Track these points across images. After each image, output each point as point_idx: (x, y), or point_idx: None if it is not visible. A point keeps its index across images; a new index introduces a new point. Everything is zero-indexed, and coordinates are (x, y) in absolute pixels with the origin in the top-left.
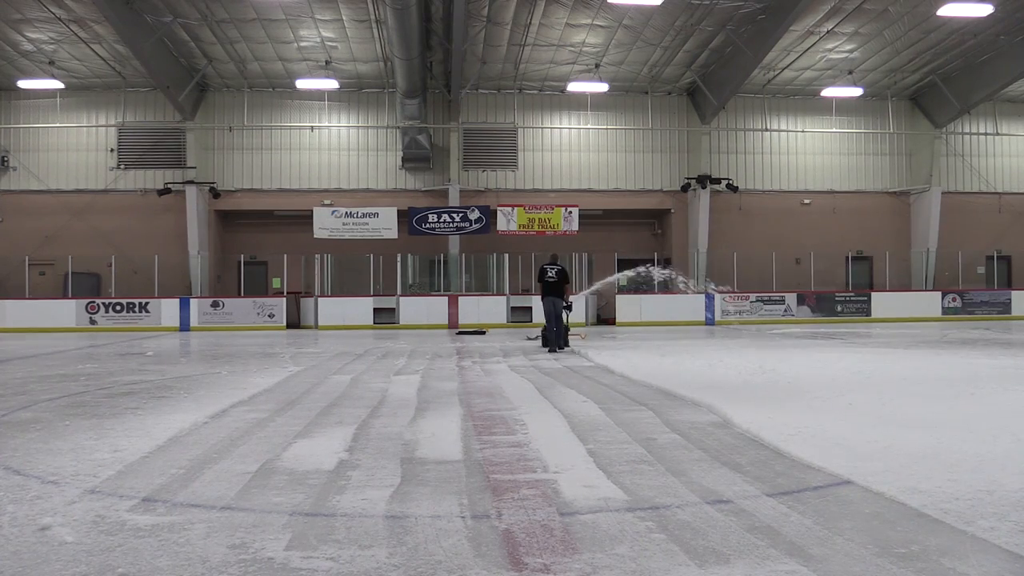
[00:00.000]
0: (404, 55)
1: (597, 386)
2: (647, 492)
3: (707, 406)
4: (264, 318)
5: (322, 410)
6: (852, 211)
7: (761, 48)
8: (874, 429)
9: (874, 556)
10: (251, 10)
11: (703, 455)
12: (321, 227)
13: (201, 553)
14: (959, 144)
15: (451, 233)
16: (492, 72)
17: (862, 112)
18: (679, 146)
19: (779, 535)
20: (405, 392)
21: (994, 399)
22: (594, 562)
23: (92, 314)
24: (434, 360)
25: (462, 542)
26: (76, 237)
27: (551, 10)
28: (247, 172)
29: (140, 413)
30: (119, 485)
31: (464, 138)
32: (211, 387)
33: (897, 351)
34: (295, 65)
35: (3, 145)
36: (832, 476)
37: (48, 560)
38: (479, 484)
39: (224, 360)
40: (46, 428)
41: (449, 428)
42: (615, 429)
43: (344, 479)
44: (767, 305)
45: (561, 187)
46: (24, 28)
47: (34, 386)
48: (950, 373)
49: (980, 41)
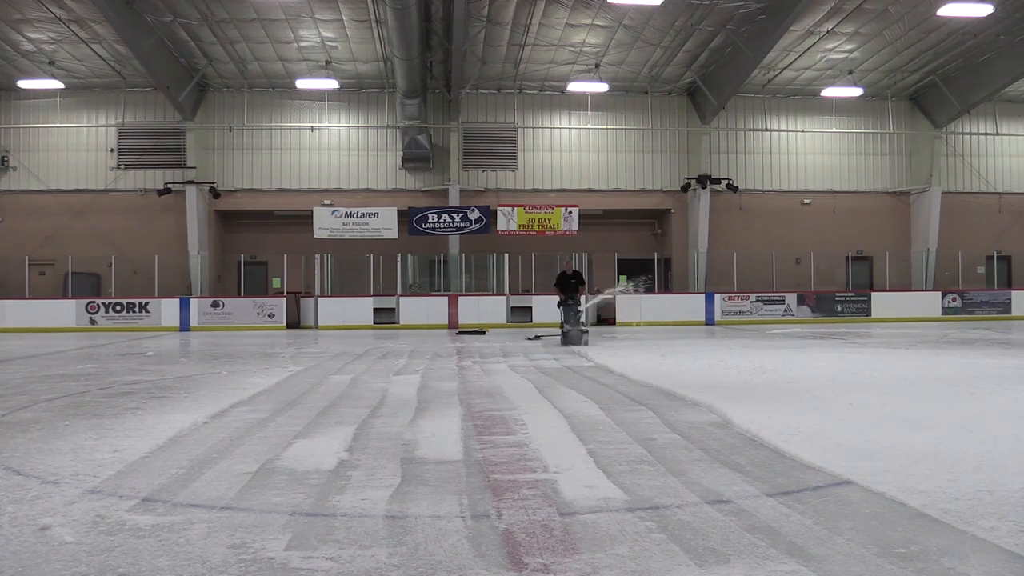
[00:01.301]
0: (404, 55)
1: (597, 386)
2: (647, 492)
3: (707, 406)
4: (264, 318)
5: (322, 410)
6: (852, 211)
7: (761, 48)
8: (874, 429)
9: (874, 556)
10: (251, 10)
11: (703, 455)
12: (321, 227)
13: (201, 553)
14: (959, 144)
15: (451, 233)
16: (492, 72)
17: (862, 112)
18: (679, 146)
19: (779, 535)
20: (405, 392)
21: (994, 399)
22: (594, 562)
23: (92, 314)
24: (434, 360)
25: (462, 542)
26: (76, 237)
27: (551, 10)
28: (247, 172)
29: (140, 413)
30: (119, 485)
31: (464, 138)
32: (211, 387)
33: (897, 351)
34: (295, 65)
35: (3, 145)
36: (832, 476)
37: (48, 560)
38: (479, 484)
39: (224, 360)
40: (46, 428)
41: (449, 428)
42: (615, 429)
43: (344, 479)
44: (767, 305)
45: (561, 187)
46: (24, 28)
47: (34, 386)
48: (950, 373)
49: (980, 41)
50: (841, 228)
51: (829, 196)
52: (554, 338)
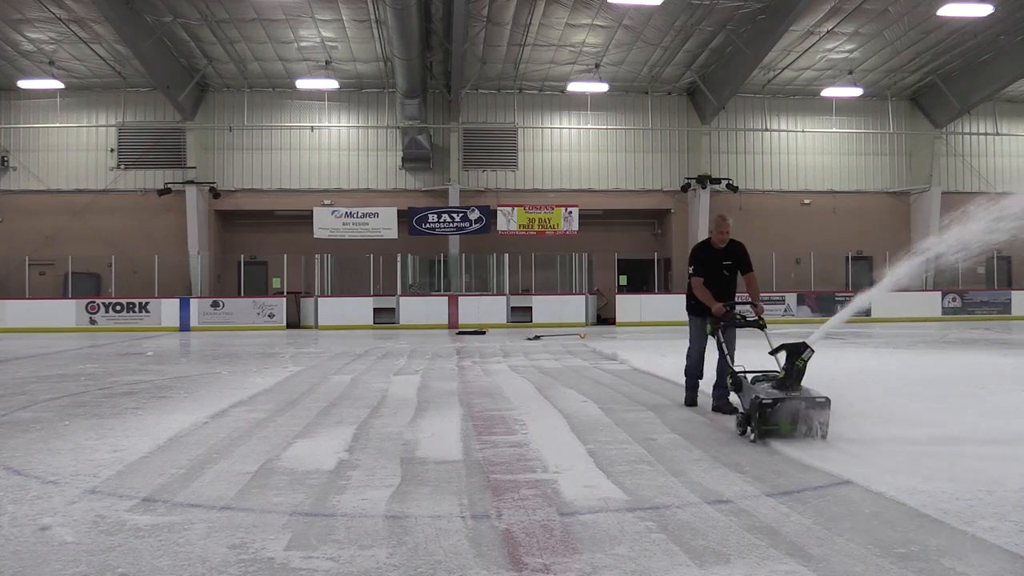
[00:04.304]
0: (404, 55)
1: (597, 386)
2: (647, 492)
3: (707, 405)
4: (264, 318)
5: (322, 410)
6: (852, 211)
7: (761, 48)
8: (874, 429)
9: (874, 556)
10: (251, 10)
11: (703, 455)
12: (321, 227)
13: (201, 553)
14: (959, 144)
15: (451, 233)
16: (492, 72)
17: (862, 112)
18: (679, 146)
19: (779, 535)
20: (405, 392)
21: (995, 399)
22: (594, 562)
23: (92, 314)
24: (434, 360)
25: (462, 542)
26: (76, 237)
27: (551, 10)
28: (247, 172)
29: (140, 413)
30: (119, 485)
31: (464, 138)
32: (211, 387)
33: (897, 351)
34: (295, 65)
35: (3, 145)
36: (832, 476)
37: (48, 560)
38: (479, 484)
39: (224, 360)
40: (46, 428)
41: (449, 428)
42: (615, 429)
43: (344, 479)
44: (767, 305)
45: (561, 187)
46: (24, 28)
47: (34, 386)
48: (950, 373)
49: (980, 41)
50: (841, 228)
51: (829, 196)
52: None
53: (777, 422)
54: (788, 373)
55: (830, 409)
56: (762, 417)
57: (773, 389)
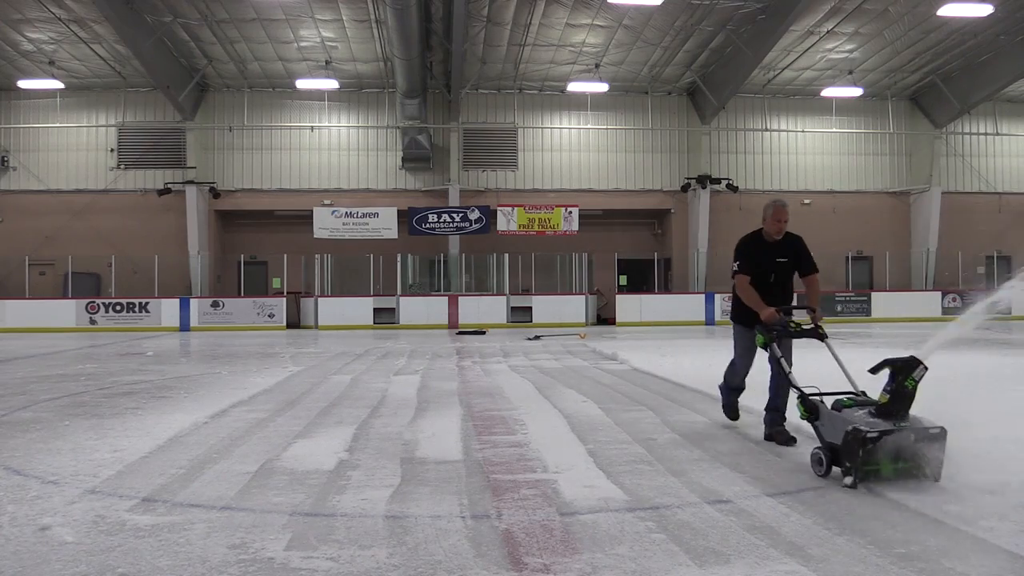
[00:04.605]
0: (404, 55)
1: (597, 386)
2: (647, 492)
3: (707, 406)
4: (264, 318)
5: (322, 410)
6: (852, 211)
7: (761, 48)
8: None
9: (874, 556)
10: (251, 10)
11: (703, 455)
12: (321, 227)
13: (201, 553)
14: (959, 144)
15: (451, 233)
16: (492, 72)
17: (862, 112)
18: (679, 146)
19: (779, 535)
20: (405, 392)
21: (995, 399)
22: (594, 562)
23: (92, 314)
24: (434, 360)
25: (462, 542)
26: (76, 237)
27: (551, 10)
28: (247, 172)
29: (140, 413)
30: (119, 485)
31: (464, 138)
32: (211, 387)
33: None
34: (295, 65)
35: (3, 145)
36: (832, 476)
37: (48, 560)
38: (479, 484)
39: (224, 360)
40: (46, 428)
41: (449, 428)
42: (615, 429)
43: (344, 479)
44: None
45: (561, 187)
46: (24, 28)
47: (34, 386)
48: (950, 373)
49: (980, 41)
50: (841, 228)
51: (829, 196)
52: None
53: (879, 460)
54: (894, 397)
55: (945, 442)
56: (864, 455)
57: (873, 417)
